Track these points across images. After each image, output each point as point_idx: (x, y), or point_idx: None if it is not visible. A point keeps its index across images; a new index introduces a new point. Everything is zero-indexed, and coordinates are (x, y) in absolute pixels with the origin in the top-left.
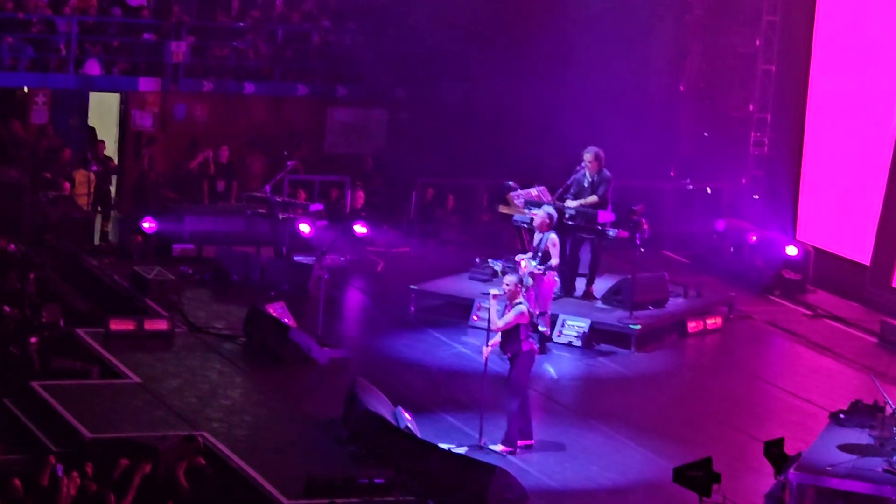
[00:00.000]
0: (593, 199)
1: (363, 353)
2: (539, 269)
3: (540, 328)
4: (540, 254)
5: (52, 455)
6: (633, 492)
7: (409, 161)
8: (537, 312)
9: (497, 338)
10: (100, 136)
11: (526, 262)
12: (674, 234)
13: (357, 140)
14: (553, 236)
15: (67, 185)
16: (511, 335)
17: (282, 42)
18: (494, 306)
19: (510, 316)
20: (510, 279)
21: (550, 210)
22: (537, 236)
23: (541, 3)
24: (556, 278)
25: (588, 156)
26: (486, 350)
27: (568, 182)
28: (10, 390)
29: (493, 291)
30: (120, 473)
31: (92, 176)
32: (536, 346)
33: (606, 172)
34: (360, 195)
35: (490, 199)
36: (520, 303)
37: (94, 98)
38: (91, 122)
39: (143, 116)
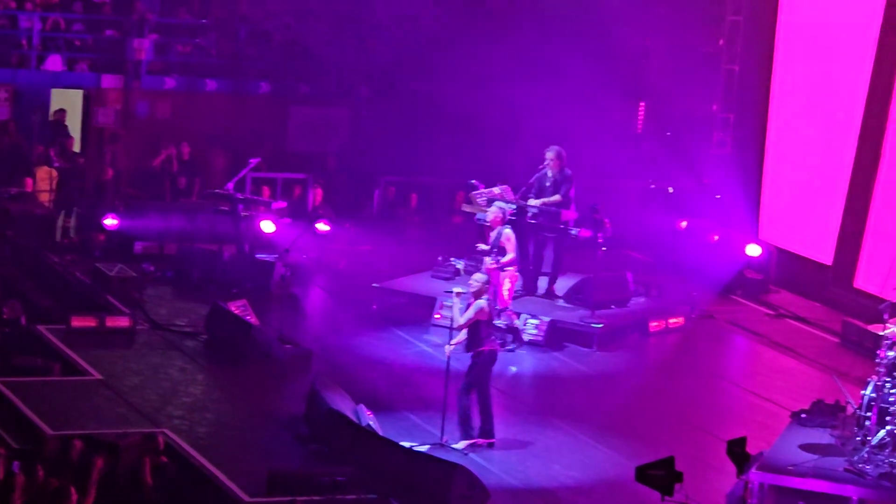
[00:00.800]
0: (556, 198)
1: (325, 350)
2: (492, 264)
3: (510, 323)
4: (496, 249)
5: (4, 450)
6: (595, 490)
7: (371, 159)
8: (498, 309)
9: (461, 336)
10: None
11: (487, 259)
12: (636, 234)
13: (320, 138)
14: (507, 231)
15: (29, 181)
16: (473, 334)
17: (244, 39)
18: (457, 304)
19: (470, 312)
20: (479, 277)
21: (502, 205)
22: (493, 233)
23: (504, 2)
24: (517, 272)
25: (550, 154)
26: (448, 348)
27: (531, 181)
28: None
29: (457, 289)
30: (77, 457)
31: (54, 173)
32: (499, 345)
33: (568, 171)
34: (319, 192)
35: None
36: (481, 299)
37: (57, 94)
38: (52, 118)
39: (105, 113)
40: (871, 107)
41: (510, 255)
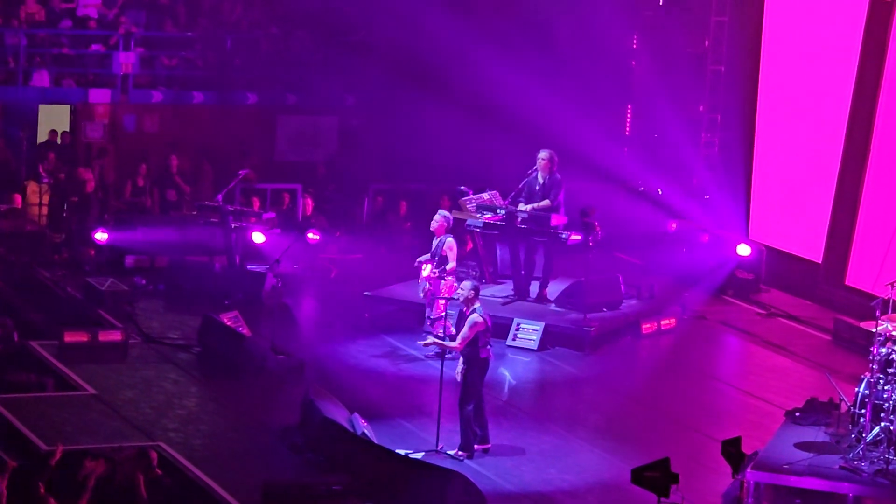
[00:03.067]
0: (546, 203)
1: (318, 360)
2: (434, 273)
3: (447, 333)
4: (437, 258)
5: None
6: (590, 493)
7: (360, 167)
8: (434, 317)
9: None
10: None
11: (426, 268)
12: (626, 236)
13: (308, 147)
14: (450, 240)
15: (18, 197)
16: (471, 343)
17: (230, 51)
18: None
19: (465, 330)
20: (466, 285)
21: (446, 213)
22: (435, 241)
23: (488, 10)
24: (455, 283)
25: (543, 154)
26: (429, 341)
27: (520, 186)
28: None
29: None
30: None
31: (44, 188)
32: (492, 354)
33: (558, 175)
34: (309, 202)
35: (451, 206)
36: (474, 311)
37: (44, 110)
38: (41, 135)
39: (93, 128)
40: (858, 104)
41: (451, 265)
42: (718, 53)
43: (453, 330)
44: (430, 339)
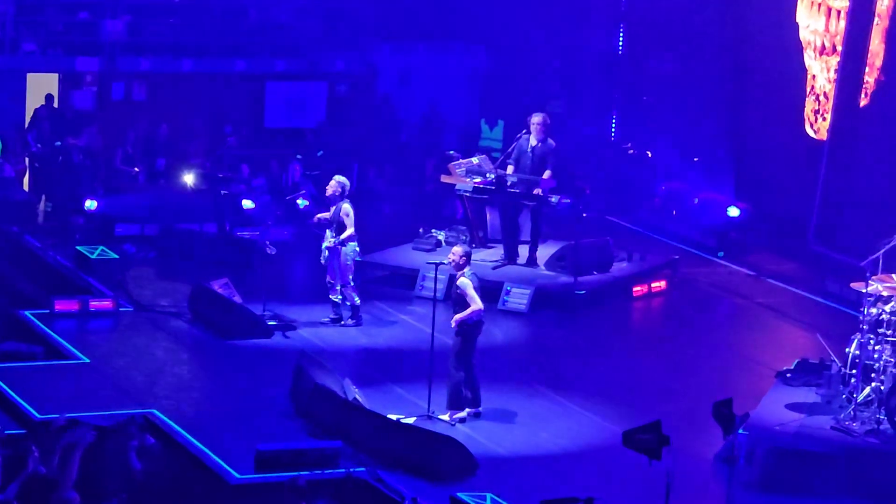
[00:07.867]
0: (548, 174)
1: (309, 326)
2: (332, 241)
3: (350, 301)
4: (335, 224)
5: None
6: (582, 457)
7: (349, 133)
8: (338, 285)
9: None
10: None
11: (328, 236)
12: (616, 199)
13: (297, 114)
14: (346, 206)
15: (8, 167)
16: (461, 306)
17: (218, 17)
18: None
19: (473, 293)
20: (457, 249)
21: (342, 179)
22: (332, 208)
23: None
24: (357, 248)
25: (536, 119)
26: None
27: (509, 149)
28: None
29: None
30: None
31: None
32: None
33: (551, 142)
34: (297, 168)
35: (434, 169)
36: (462, 275)
37: (32, 79)
38: (29, 103)
39: (81, 96)
40: (848, 60)
41: (349, 231)
42: (705, 14)
43: (357, 300)
44: (455, 319)
